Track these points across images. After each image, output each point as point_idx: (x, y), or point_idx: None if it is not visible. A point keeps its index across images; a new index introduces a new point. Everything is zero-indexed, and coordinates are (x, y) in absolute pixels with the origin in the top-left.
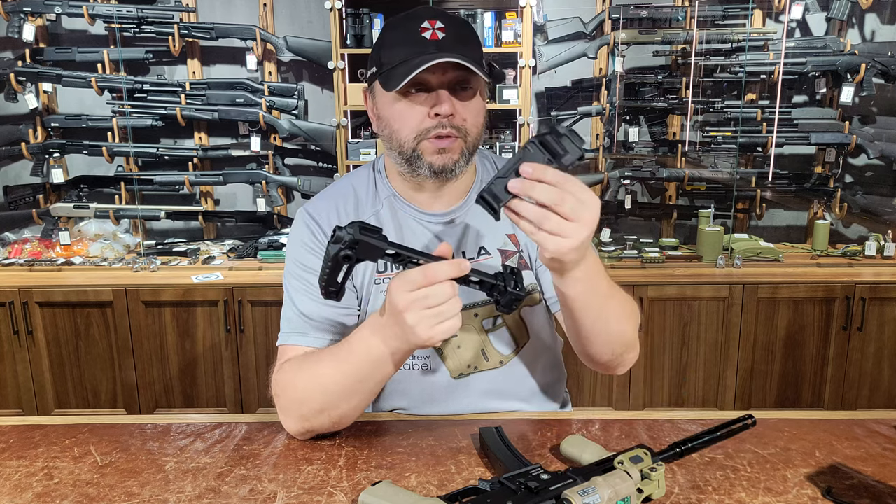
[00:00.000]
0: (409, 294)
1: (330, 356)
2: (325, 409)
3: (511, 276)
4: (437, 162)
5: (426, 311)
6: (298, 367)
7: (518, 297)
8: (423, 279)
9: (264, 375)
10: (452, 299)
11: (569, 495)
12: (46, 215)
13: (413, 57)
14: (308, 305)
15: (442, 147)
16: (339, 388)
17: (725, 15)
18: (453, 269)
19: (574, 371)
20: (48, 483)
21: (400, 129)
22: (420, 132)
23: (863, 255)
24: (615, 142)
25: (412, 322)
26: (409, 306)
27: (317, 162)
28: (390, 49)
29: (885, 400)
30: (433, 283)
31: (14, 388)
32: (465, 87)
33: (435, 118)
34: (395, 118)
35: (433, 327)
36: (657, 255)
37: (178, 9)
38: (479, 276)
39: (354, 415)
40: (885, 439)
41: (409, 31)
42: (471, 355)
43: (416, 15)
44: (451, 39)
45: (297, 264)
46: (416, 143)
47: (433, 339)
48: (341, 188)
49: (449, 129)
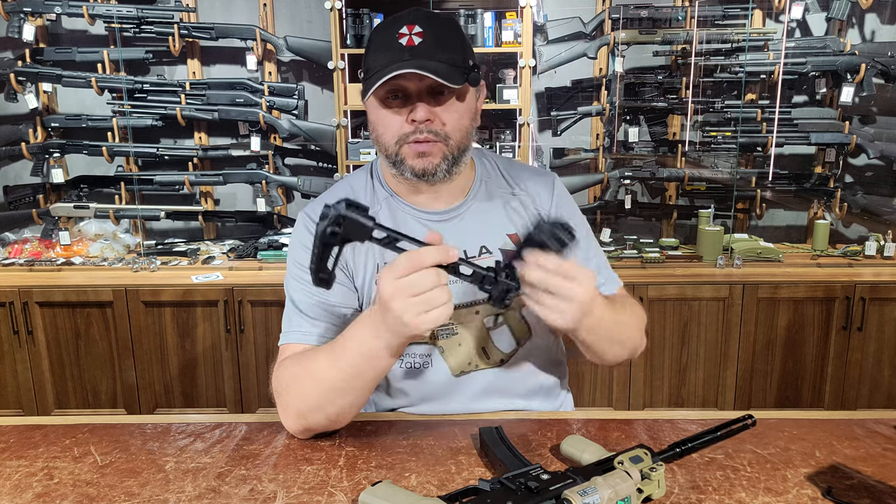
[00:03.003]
0: (395, 282)
1: (326, 353)
2: (322, 406)
3: (503, 268)
4: (417, 165)
5: (413, 299)
6: (296, 364)
7: (509, 287)
8: (409, 264)
9: (264, 375)
10: (440, 287)
11: (569, 495)
12: (46, 215)
13: (387, 64)
14: (307, 305)
15: (421, 151)
16: (334, 385)
17: (725, 15)
18: (440, 255)
19: (574, 371)
20: (48, 483)
21: (383, 134)
22: (400, 137)
23: (863, 255)
24: (615, 142)
25: (399, 310)
26: (394, 294)
27: (317, 162)
28: (372, 54)
29: (885, 400)
30: (419, 269)
31: (14, 388)
32: (442, 91)
33: (412, 124)
34: (379, 123)
35: (420, 315)
36: (657, 255)
37: (178, 9)
38: (470, 266)
39: (351, 412)
40: (885, 439)
41: (387, 37)
42: (472, 353)
43: (398, 19)
44: (429, 44)
45: (297, 266)
46: (398, 148)
47: (421, 328)
48: (341, 190)
49: (426, 135)
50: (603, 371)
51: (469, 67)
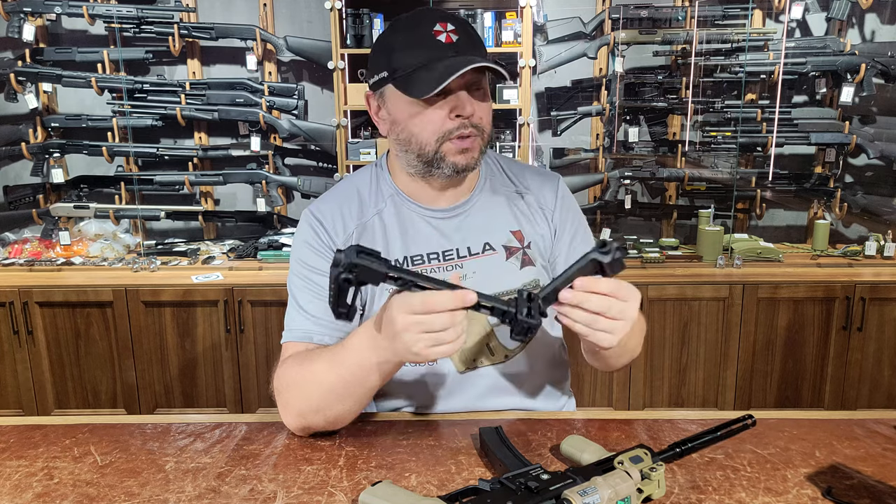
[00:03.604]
0: (409, 317)
1: (327, 357)
2: (320, 409)
3: (526, 301)
4: (460, 162)
5: (423, 335)
6: (298, 364)
7: (530, 326)
8: (422, 308)
9: (264, 375)
10: (453, 328)
11: (569, 495)
12: (46, 215)
13: (433, 61)
14: (311, 304)
15: (465, 147)
16: (334, 389)
17: (725, 15)
18: (455, 301)
19: (574, 371)
20: (48, 483)
21: (420, 133)
22: (442, 134)
23: (863, 255)
24: (615, 142)
25: (408, 341)
26: (407, 328)
27: (317, 162)
28: (403, 53)
29: (885, 400)
30: (433, 313)
31: (14, 388)
32: (479, 87)
33: (456, 119)
34: (415, 121)
35: (429, 348)
36: (657, 255)
37: (178, 9)
38: (490, 302)
39: (349, 417)
40: (885, 439)
41: (421, 35)
42: (476, 349)
43: (423, 17)
44: (466, 41)
45: (300, 264)
46: (438, 146)
47: (429, 358)
48: (345, 189)
49: (470, 129)
50: (603, 371)
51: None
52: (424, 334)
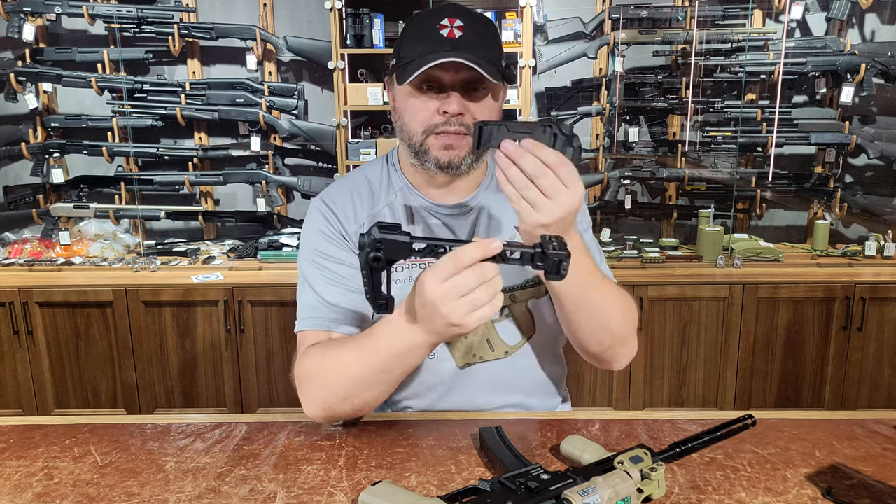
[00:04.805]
0: (442, 285)
1: (355, 346)
2: (348, 398)
3: (549, 241)
4: (443, 157)
5: (460, 300)
6: (323, 354)
7: (560, 258)
8: (453, 266)
9: (264, 375)
10: (485, 285)
11: (569, 495)
12: (46, 215)
13: (427, 53)
14: (329, 293)
15: (448, 143)
16: (362, 378)
17: (725, 15)
18: (480, 250)
19: (574, 370)
20: (48, 483)
21: (410, 122)
22: (428, 127)
23: (863, 255)
24: (615, 142)
25: (446, 312)
26: (444, 297)
27: (317, 162)
28: (409, 43)
29: (885, 400)
30: (463, 268)
31: (14, 388)
32: (477, 87)
33: (443, 115)
34: (407, 111)
35: (466, 315)
36: (657, 255)
37: (178, 9)
38: (517, 248)
39: (376, 403)
40: (885, 439)
41: (428, 28)
42: (476, 343)
43: (438, 11)
44: (469, 39)
45: (314, 252)
46: (423, 138)
47: (469, 327)
48: (355, 178)
49: (457, 127)
50: (603, 371)
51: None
52: (461, 299)
